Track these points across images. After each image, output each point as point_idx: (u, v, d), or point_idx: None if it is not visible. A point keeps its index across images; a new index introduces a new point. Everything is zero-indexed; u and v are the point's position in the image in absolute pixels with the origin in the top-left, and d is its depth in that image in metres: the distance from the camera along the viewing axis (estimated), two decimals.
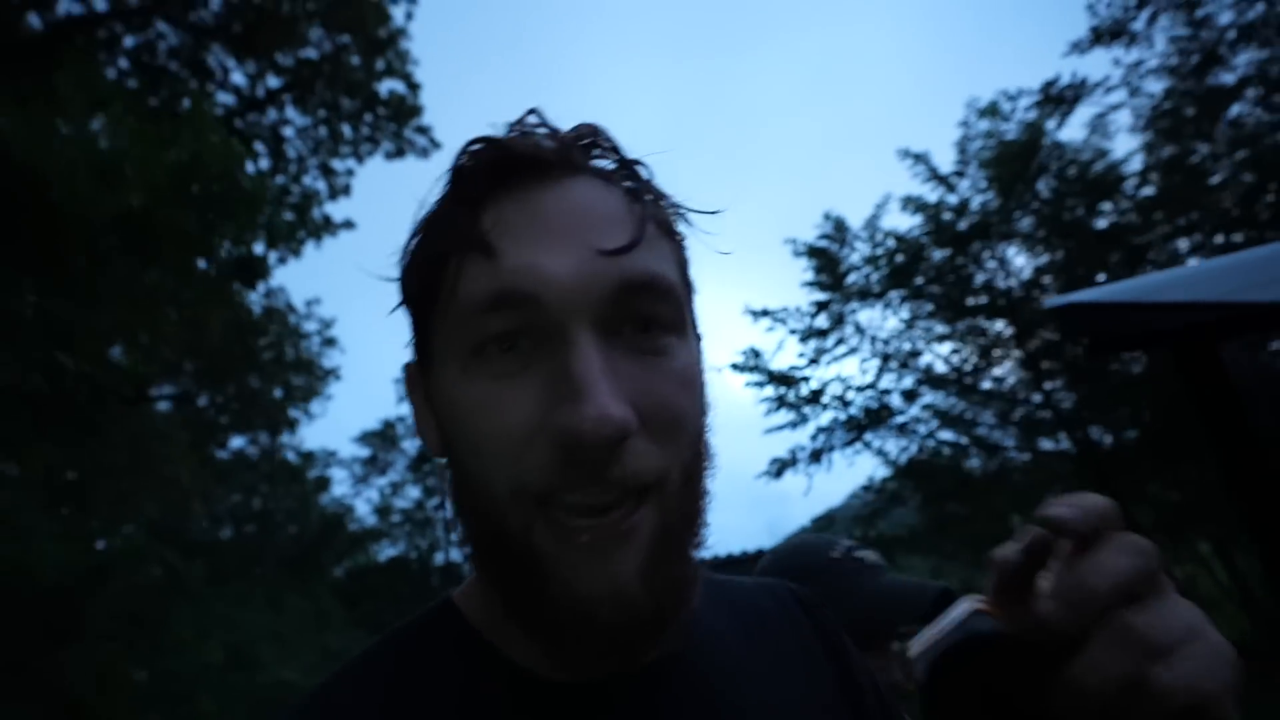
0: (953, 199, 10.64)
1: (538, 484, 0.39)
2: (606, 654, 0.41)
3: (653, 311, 0.42)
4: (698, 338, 0.48)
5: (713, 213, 0.47)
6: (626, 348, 0.41)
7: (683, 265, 0.47)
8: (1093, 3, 8.97)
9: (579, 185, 0.43)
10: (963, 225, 10.50)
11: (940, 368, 11.25)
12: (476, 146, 0.44)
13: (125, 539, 6.50)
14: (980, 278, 10.79)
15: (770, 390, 10.96)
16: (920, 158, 10.59)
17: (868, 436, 11.01)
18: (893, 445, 11.28)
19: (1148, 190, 9.42)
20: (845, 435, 10.95)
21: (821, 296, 11.20)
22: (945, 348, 11.23)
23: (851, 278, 11.26)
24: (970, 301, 10.87)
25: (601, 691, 0.46)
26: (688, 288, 0.47)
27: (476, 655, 0.47)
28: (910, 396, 11.00)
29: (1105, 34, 8.94)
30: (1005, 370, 11.06)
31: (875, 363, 11.14)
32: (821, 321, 11.06)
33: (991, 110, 10.06)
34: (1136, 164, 9.73)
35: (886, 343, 11.28)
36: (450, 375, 0.42)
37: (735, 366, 11.41)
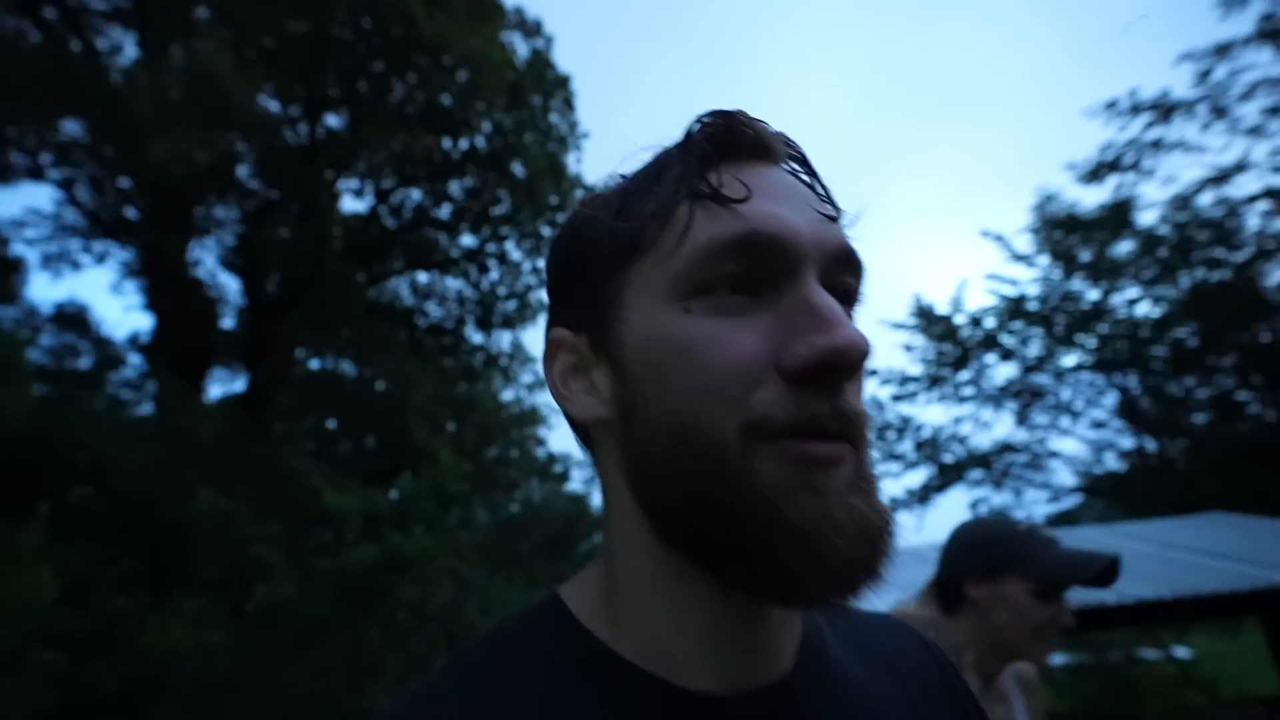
0: (1026, 282, 11.70)
1: (778, 419, 0.39)
2: (843, 579, 0.39)
3: (852, 284, 0.45)
4: None
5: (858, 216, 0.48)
6: None
7: None
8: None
9: (786, 171, 0.47)
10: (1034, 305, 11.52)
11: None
12: (708, 119, 0.46)
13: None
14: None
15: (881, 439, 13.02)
16: (1000, 238, 11.68)
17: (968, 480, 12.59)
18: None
19: None
20: (945, 479, 12.64)
21: (927, 353, 12.88)
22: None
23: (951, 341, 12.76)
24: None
25: (736, 705, 0.43)
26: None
27: (600, 663, 0.44)
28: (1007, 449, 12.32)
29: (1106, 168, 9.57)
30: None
31: (979, 411, 12.59)
32: (921, 371, 12.81)
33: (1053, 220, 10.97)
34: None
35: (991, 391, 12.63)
36: (667, 316, 0.42)
37: None
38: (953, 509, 14.08)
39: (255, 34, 7.91)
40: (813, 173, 0.48)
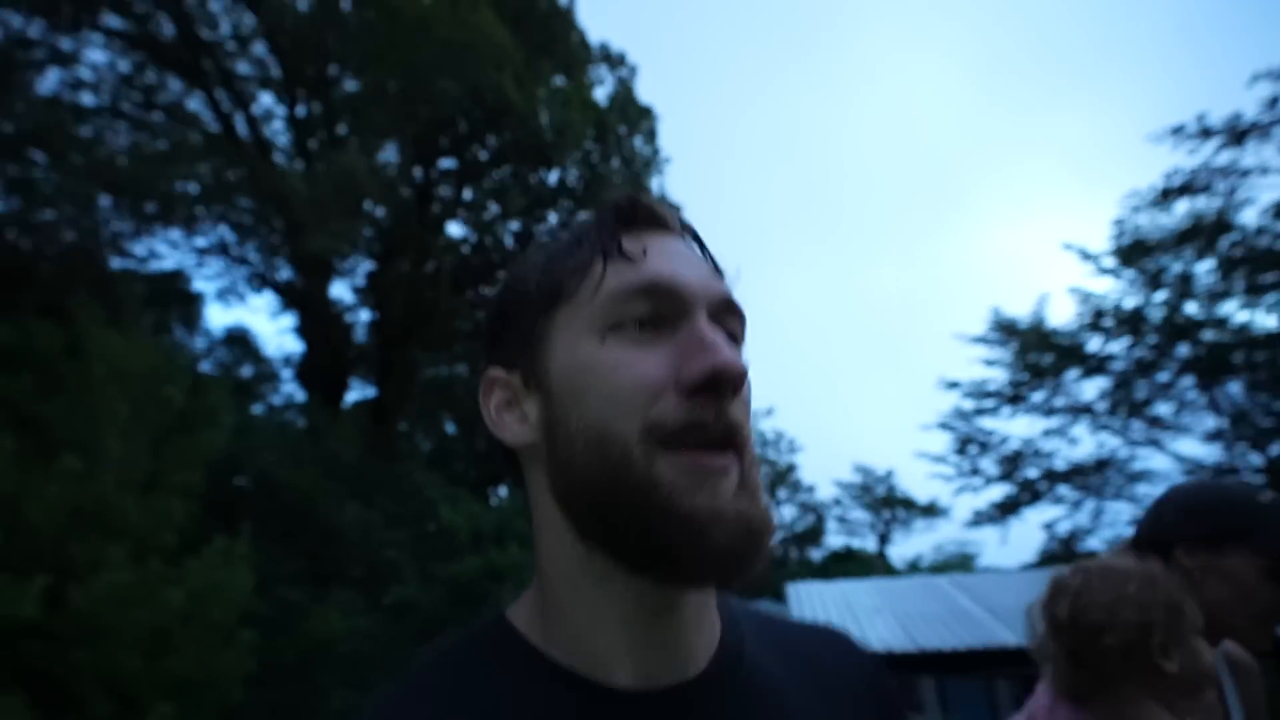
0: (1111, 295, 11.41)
1: (672, 423, 0.47)
2: (725, 565, 0.46)
3: (735, 328, 0.55)
4: None
5: (738, 277, 0.58)
6: None
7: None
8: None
9: (680, 239, 0.57)
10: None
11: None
12: (615, 199, 0.56)
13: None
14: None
15: (957, 455, 13.15)
16: (1086, 254, 11.43)
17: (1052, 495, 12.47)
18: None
19: None
20: (1027, 495, 12.57)
21: (1009, 367, 12.81)
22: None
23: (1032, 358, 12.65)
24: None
25: (654, 699, 0.50)
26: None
27: (533, 666, 0.51)
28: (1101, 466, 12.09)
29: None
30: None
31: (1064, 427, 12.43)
32: (1002, 385, 12.76)
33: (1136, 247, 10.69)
34: None
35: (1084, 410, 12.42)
36: (586, 346, 0.51)
37: (943, 425, 13.80)
38: (1034, 526, 13.91)
39: (384, 130, 9.52)
40: (700, 241, 0.59)
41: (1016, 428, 12.85)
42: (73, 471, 5.77)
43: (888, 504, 34.62)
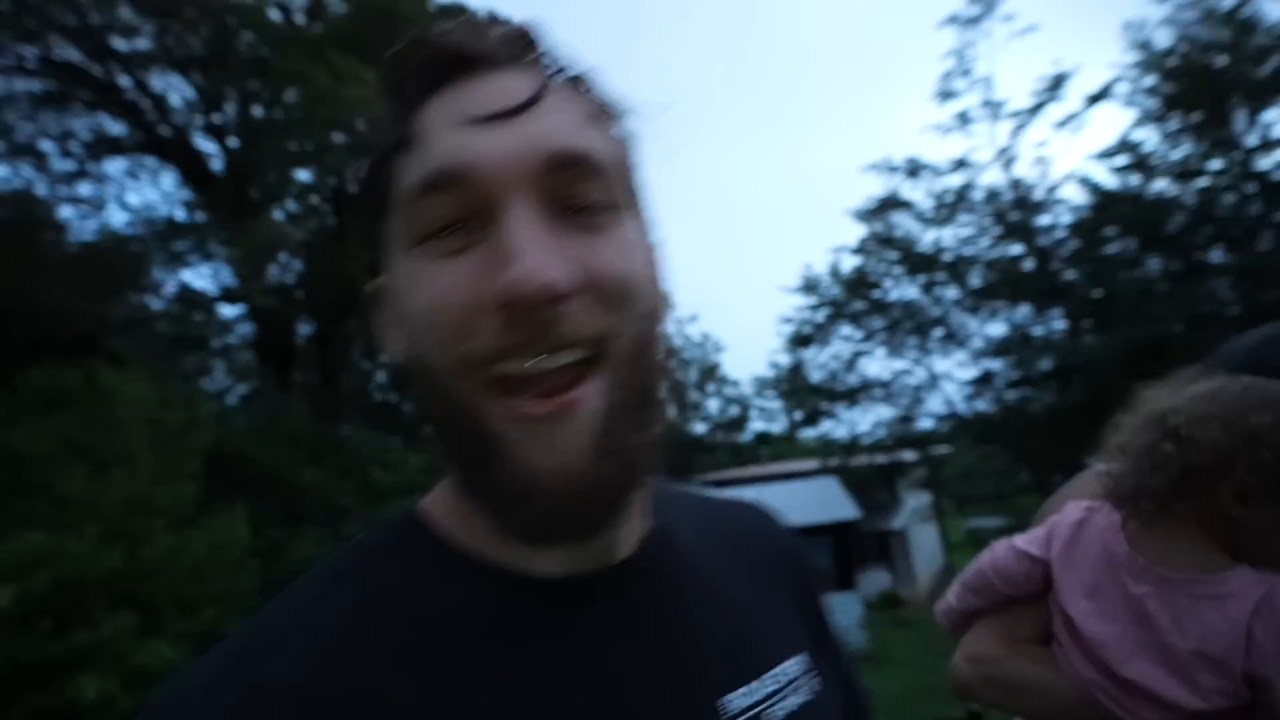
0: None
1: (482, 351, 0.40)
2: (554, 529, 0.41)
3: (587, 189, 0.43)
4: (646, 220, 0.50)
5: (661, 105, 0.47)
6: (568, 225, 0.42)
7: (624, 154, 0.48)
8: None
9: (508, 77, 0.44)
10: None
11: None
12: (406, 49, 0.44)
13: None
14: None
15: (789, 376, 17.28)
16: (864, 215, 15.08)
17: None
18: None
19: None
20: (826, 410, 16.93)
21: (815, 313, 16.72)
22: None
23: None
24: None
25: (576, 585, 0.47)
26: (630, 174, 0.48)
27: (446, 558, 0.47)
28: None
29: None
30: None
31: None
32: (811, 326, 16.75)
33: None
34: None
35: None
36: (400, 262, 0.44)
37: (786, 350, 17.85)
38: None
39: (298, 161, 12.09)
40: (558, 64, 0.46)
41: (821, 357, 16.95)
42: (122, 477, 9.11)
43: (795, 393, 39.63)
